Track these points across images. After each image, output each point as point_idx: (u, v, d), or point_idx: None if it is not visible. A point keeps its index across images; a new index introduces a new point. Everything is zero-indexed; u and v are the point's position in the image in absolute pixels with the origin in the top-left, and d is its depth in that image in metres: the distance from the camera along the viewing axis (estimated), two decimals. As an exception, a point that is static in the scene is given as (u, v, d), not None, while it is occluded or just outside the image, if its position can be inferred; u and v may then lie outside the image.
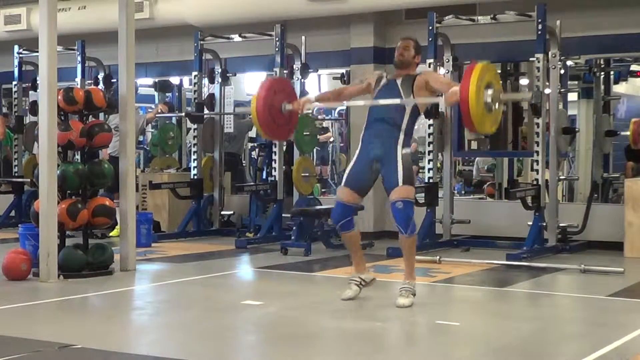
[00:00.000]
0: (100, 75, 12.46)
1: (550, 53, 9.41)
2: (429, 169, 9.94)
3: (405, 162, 6.35)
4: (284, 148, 10.86)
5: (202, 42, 11.34)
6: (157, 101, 14.75)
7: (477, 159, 15.11)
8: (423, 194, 9.92)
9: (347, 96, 6.89)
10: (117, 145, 9.18)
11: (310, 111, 7.07)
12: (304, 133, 10.89)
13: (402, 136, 6.38)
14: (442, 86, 6.50)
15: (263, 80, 6.86)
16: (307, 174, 10.90)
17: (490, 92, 5.91)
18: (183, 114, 12.22)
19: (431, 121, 9.93)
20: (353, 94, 6.88)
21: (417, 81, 6.48)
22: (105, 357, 5.02)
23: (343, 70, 11.91)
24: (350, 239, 6.66)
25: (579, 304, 7.08)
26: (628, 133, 11.80)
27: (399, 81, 6.50)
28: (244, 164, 13.95)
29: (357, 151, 6.56)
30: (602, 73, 11.79)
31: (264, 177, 11.74)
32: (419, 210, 9.82)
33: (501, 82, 6.34)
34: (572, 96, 12.73)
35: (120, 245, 8.20)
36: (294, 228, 9.67)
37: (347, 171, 6.60)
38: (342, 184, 6.56)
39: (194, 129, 11.47)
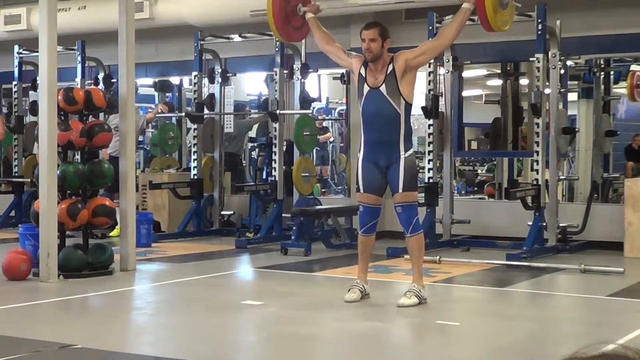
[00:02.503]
0: (100, 75, 12.46)
1: (550, 53, 9.41)
2: (429, 169, 9.94)
3: (407, 167, 6.34)
4: (284, 148, 10.87)
5: (202, 42, 11.34)
6: (157, 101, 14.76)
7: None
8: (423, 194, 9.93)
9: (329, 51, 6.79)
10: (117, 145, 9.18)
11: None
12: (304, 133, 10.90)
13: (402, 140, 6.36)
14: (426, 43, 6.67)
15: None
16: (307, 174, 10.91)
17: None
18: (183, 114, 12.21)
19: (431, 121, 9.93)
20: (337, 57, 6.74)
21: (397, 68, 6.32)
22: (105, 357, 5.02)
23: (343, 70, 11.91)
24: (367, 243, 6.62)
25: (579, 304, 7.08)
26: (625, 85, 11.82)
27: (382, 89, 6.34)
28: (244, 164, 13.96)
29: (362, 156, 6.49)
30: (602, 73, 11.80)
31: (264, 177, 11.75)
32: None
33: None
34: (572, 96, 12.73)
35: (120, 245, 8.20)
36: (294, 228, 9.67)
37: (359, 178, 6.53)
38: (361, 191, 6.52)
39: (194, 129, 11.47)
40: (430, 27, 9.76)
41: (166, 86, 14.22)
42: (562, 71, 10.07)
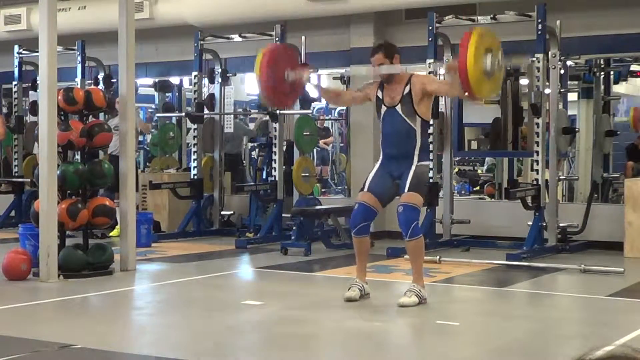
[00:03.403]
0: (100, 75, 12.46)
1: (550, 53, 9.40)
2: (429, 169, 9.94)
3: (417, 173, 6.37)
4: (284, 148, 10.87)
5: (202, 42, 11.34)
6: (157, 101, 14.77)
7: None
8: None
9: (346, 102, 6.87)
10: (117, 144, 9.18)
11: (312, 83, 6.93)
12: (304, 133, 10.90)
13: (417, 153, 6.40)
14: (440, 86, 6.62)
15: (267, 45, 6.74)
16: (307, 174, 10.91)
17: (489, 57, 5.91)
18: (183, 114, 12.21)
19: (431, 121, 9.92)
20: (353, 100, 6.84)
21: (414, 93, 6.39)
22: (105, 357, 5.02)
23: (343, 70, 11.92)
24: (361, 244, 6.65)
25: (579, 304, 7.08)
26: (629, 119, 11.79)
27: (398, 108, 6.42)
28: (244, 164, 13.96)
29: (378, 164, 6.59)
30: (602, 73, 11.79)
31: (264, 177, 11.74)
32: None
33: (500, 47, 6.25)
34: (572, 96, 12.73)
35: (120, 245, 8.20)
36: (294, 228, 9.67)
37: (368, 179, 6.57)
38: (365, 189, 6.54)
39: (194, 129, 11.47)
40: (430, 27, 9.76)
41: (166, 86, 14.22)
42: (562, 71, 10.07)
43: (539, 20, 9.18)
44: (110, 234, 10.49)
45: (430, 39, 9.78)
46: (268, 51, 6.56)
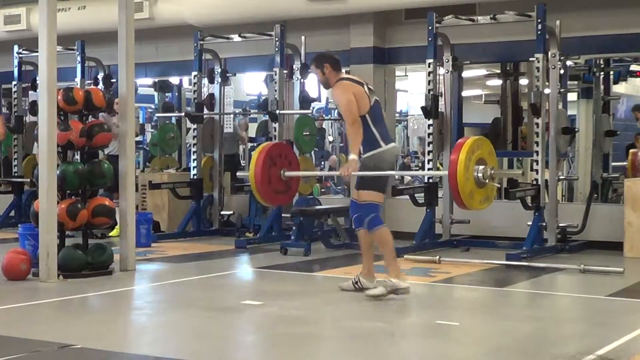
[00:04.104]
0: (100, 75, 12.47)
1: (550, 53, 9.40)
2: (429, 169, 9.94)
3: (363, 167, 6.67)
4: (284, 148, 10.87)
5: (202, 42, 11.34)
6: (156, 101, 14.77)
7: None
8: (423, 194, 9.93)
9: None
10: (116, 144, 9.18)
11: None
12: (304, 133, 10.90)
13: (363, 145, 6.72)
14: (340, 109, 6.91)
15: (261, 146, 6.73)
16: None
17: (482, 167, 5.91)
18: (183, 114, 12.21)
19: (431, 121, 9.93)
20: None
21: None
22: (105, 357, 5.02)
23: (343, 70, 11.90)
24: (359, 238, 6.95)
25: (578, 304, 7.08)
26: (625, 164, 11.76)
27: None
28: (243, 164, 13.96)
29: None
30: (602, 73, 11.79)
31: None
32: (419, 210, 9.86)
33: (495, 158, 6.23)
34: (572, 96, 12.73)
35: (120, 245, 8.20)
36: (294, 228, 9.67)
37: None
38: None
39: (194, 129, 11.47)
40: (430, 27, 9.76)
41: (166, 86, 14.22)
42: (562, 71, 10.07)
43: (539, 20, 9.18)
44: (110, 234, 10.49)
45: (430, 39, 9.78)
46: (265, 149, 6.62)
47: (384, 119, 6.93)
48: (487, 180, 5.90)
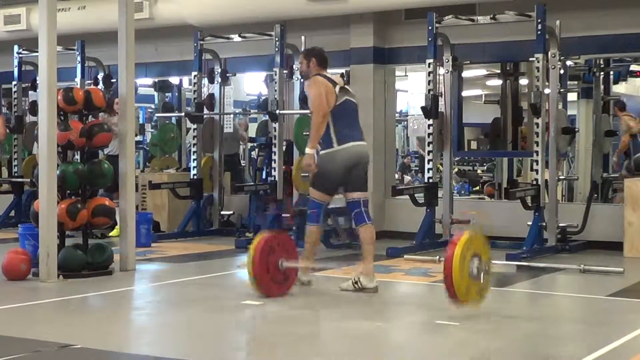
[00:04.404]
0: (100, 75, 12.47)
1: (549, 53, 9.41)
2: (429, 169, 9.94)
3: (318, 165, 7.01)
4: (284, 148, 10.87)
5: (202, 42, 11.34)
6: (156, 101, 14.77)
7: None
8: (423, 194, 9.93)
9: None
10: (116, 144, 9.18)
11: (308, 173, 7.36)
12: (304, 133, 10.88)
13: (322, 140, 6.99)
14: (310, 102, 7.06)
15: (260, 237, 6.70)
16: (307, 174, 10.89)
17: (476, 262, 5.92)
18: (183, 114, 12.21)
19: (431, 121, 9.93)
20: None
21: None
22: (105, 357, 5.02)
23: (343, 70, 11.90)
24: (313, 234, 7.25)
25: (578, 304, 7.08)
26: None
27: None
28: (243, 164, 13.95)
29: None
30: (602, 73, 11.79)
31: (264, 177, 11.74)
32: (419, 210, 9.85)
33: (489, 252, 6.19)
34: (572, 96, 12.73)
35: (120, 245, 8.20)
36: (294, 228, 9.66)
37: None
38: None
39: (194, 129, 11.47)
40: (430, 27, 9.76)
41: (166, 86, 14.22)
42: (562, 71, 10.08)
43: (539, 20, 9.18)
44: (110, 234, 10.49)
45: (430, 39, 9.78)
46: (264, 238, 6.61)
47: (353, 119, 7.07)
48: (482, 276, 5.96)
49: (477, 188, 15.11)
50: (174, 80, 14.07)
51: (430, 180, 9.91)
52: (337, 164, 6.91)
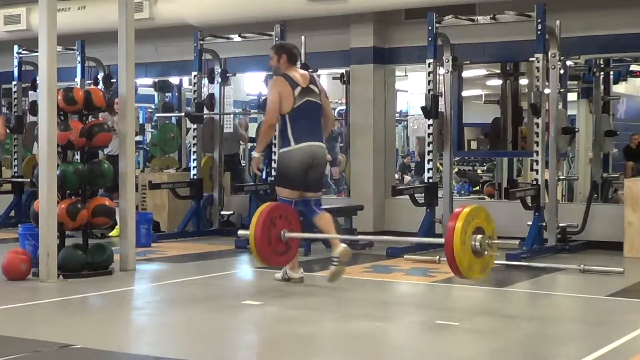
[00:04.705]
0: (100, 75, 12.46)
1: (549, 53, 9.40)
2: (429, 169, 9.94)
3: (277, 163, 7.46)
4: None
5: (201, 42, 11.34)
6: (156, 101, 14.76)
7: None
8: (423, 194, 9.93)
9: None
10: (116, 144, 9.18)
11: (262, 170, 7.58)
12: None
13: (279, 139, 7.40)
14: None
15: (262, 209, 6.76)
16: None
17: (479, 236, 5.83)
18: (183, 114, 12.20)
19: (431, 121, 9.93)
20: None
21: None
22: (105, 357, 5.02)
23: (343, 70, 11.91)
24: None
25: (578, 304, 7.08)
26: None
27: None
28: (242, 164, 13.95)
29: None
30: (602, 73, 11.78)
31: (264, 177, 11.74)
32: (419, 210, 9.85)
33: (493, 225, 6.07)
34: (572, 96, 12.72)
35: (120, 245, 8.20)
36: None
37: None
38: None
39: (194, 129, 11.47)
40: (430, 27, 9.76)
41: (166, 86, 14.22)
42: (562, 71, 10.07)
43: (539, 20, 9.18)
44: (110, 234, 10.50)
45: (430, 39, 9.78)
46: (266, 209, 6.63)
47: (312, 120, 7.26)
48: (486, 252, 5.85)
49: (477, 188, 15.09)
50: (174, 80, 14.07)
51: (430, 180, 9.90)
52: (295, 162, 7.17)
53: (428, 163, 9.98)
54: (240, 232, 7.10)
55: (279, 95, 7.15)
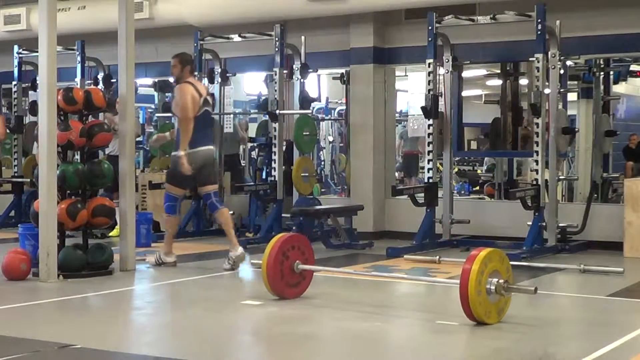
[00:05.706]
0: (100, 75, 12.46)
1: (549, 53, 9.41)
2: (429, 169, 9.94)
3: (173, 164, 8.20)
4: (284, 148, 10.87)
5: (201, 42, 11.34)
6: (156, 101, 14.75)
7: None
8: (423, 194, 9.93)
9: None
10: (116, 144, 9.18)
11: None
12: (304, 133, 10.90)
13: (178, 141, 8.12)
14: (176, 108, 8.17)
15: (274, 239, 6.64)
16: (307, 174, 10.91)
17: (495, 280, 5.58)
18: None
19: (431, 121, 9.93)
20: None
21: None
22: (105, 357, 5.02)
23: (343, 70, 11.91)
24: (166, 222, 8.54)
25: (578, 304, 7.09)
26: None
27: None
28: (242, 164, 13.94)
29: None
30: (602, 73, 11.78)
31: (264, 177, 11.74)
32: (419, 210, 9.85)
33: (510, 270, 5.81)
34: (572, 96, 12.72)
35: (119, 245, 8.20)
36: (294, 228, 9.66)
37: None
38: None
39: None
40: (430, 27, 9.76)
41: (166, 86, 14.19)
42: (562, 71, 10.07)
43: (539, 20, 9.18)
44: (110, 234, 10.49)
45: (430, 39, 9.78)
46: (278, 242, 6.54)
47: (207, 127, 8.34)
48: (501, 296, 5.69)
49: (477, 188, 15.10)
50: (174, 80, 14.03)
51: (430, 180, 9.90)
52: (194, 163, 8.05)
53: (428, 163, 9.98)
54: (253, 261, 7.23)
55: (192, 98, 8.06)
